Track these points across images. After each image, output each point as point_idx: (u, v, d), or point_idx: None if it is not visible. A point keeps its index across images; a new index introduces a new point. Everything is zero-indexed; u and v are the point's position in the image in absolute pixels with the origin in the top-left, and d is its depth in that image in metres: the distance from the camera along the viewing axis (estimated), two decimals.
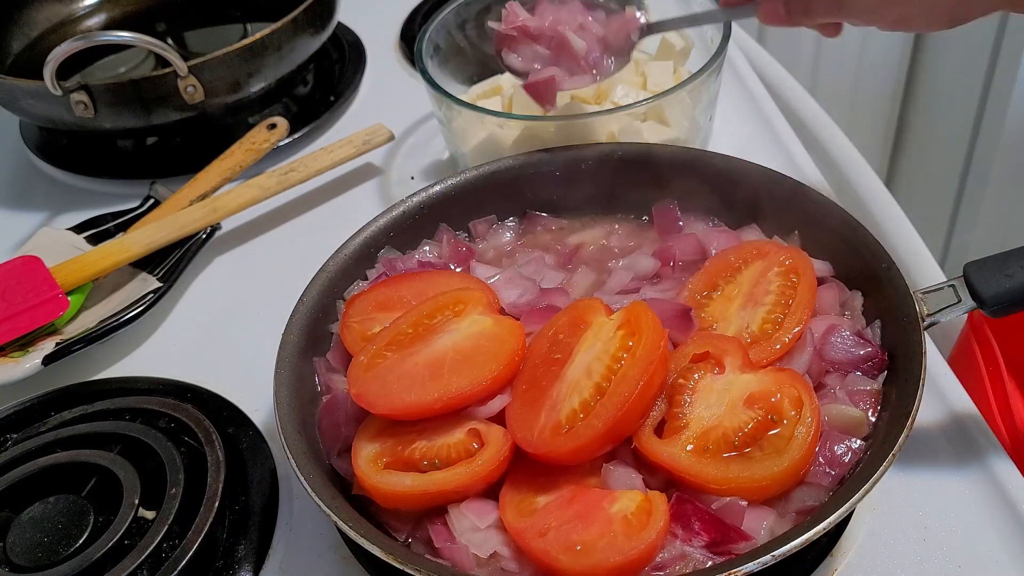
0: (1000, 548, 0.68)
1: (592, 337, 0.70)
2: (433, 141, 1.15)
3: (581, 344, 0.69)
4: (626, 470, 0.65)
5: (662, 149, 0.88)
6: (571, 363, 0.68)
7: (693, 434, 0.66)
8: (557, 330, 0.71)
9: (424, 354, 0.70)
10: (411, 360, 0.70)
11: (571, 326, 0.71)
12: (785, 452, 0.63)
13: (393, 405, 0.67)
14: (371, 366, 0.70)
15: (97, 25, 1.36)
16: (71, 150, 1.21)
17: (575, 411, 0.65)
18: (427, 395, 0.67)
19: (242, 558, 0.73)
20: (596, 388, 0.66)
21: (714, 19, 0.96)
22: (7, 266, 0.93)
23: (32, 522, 0.73)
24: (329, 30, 1.20)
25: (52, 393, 0.89)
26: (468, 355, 0.69)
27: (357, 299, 0.79)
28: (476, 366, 0.68)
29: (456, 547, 0.63)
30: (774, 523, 0.63)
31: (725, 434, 0.65)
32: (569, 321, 0.72)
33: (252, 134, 1.12)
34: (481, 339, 0.71)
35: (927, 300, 0.70)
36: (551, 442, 0.64)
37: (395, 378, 0.69)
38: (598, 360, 0.68)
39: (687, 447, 0.65)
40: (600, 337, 0.70)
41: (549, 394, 0.67)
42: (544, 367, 0.69)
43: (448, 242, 0.86)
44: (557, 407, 0.66)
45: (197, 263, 1.02)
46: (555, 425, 0.65)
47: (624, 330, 0.69)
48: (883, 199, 1.09)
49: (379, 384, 0.68)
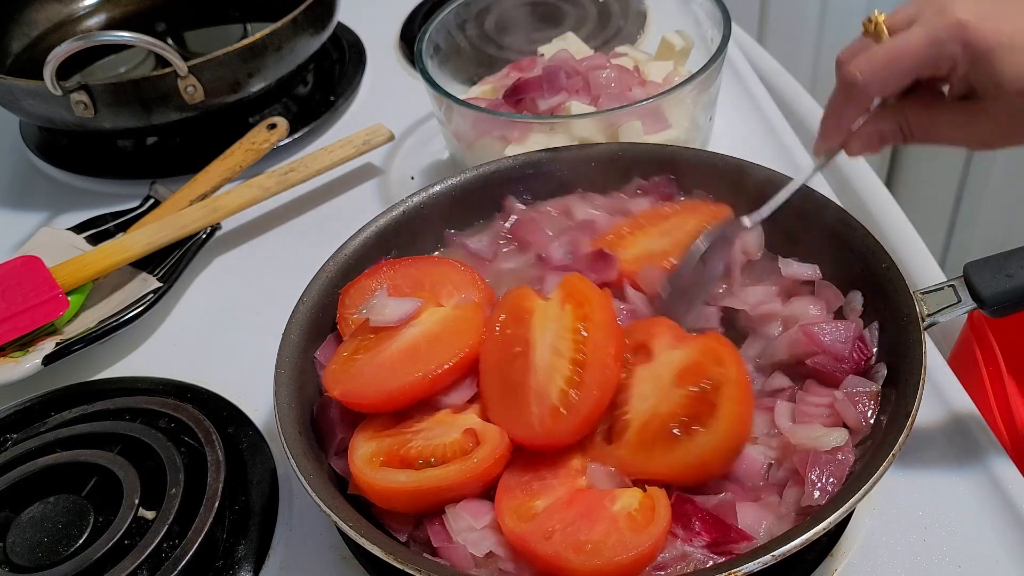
0: (1000, 548, 0.68)
1: (542, 320, 0.71)
2: (433, 141, 1.15)
3: (534, 331, 0.71)
4: (612, 469, 0.66)
5: (662, 149, 0.88)
6: (534, 350, 0.69)
7: (635, 430, 0.66)
8: (502, 327, 0.72)
9: (395, 347, 0.72)
10: (384, 354, 0.71)
11: (514, 318, 0.72)
12: (718, 416, 0.64)
13: (380, 393, 0.68)
14: (345, 369, 0.71)
15: (97, 25, 1.36)
16: (71, 150, 1.21)
17: (564, 391, 0.66)
18: (412, 376, 0.69)
19: (242, 558, 0.74)
20: (573, 362, 0.68)
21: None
22: (7, 266, 0.93)
23: (32, 522, 0.73)
24: (329, 30, 1.20)
25: (52, 393, 0.89)
26: (439, 336, 0.72)
27: (352, 289, 0.79)
28: (450, 343, 0.71)
29: (454, 547, 0.63)
30: (773, 523, 0.63)
31: (663, 421, 0.66)
32: (510, 314, 0.73)
33: (252, 134, 1.12)
34: (446, 323, 0.73)
35: (927, 300, 0.70)
36: (555, 427, 0.65)
37: (374, 371, 0.70)
38: (560, 338, 0.69)
39: (631, 446, 0.66)
40: (550, 317, 0.71)
41: (529, 385, 0.68)
42: (509, 363, 0.70)
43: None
44: (544, 393, 0.67)
45: (197, 263, 1.02)
46: (551, 410, 0.66)
47: (570, 303, 0.72)
48: (883, 199, 1.09)
49: (360, 380, 0.69)
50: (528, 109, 1.00)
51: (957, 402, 0.78)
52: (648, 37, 1.21)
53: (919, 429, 0.75)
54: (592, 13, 1.21)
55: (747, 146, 1.08)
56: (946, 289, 0.71)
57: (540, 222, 0.87)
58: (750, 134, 1.11)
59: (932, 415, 0.77)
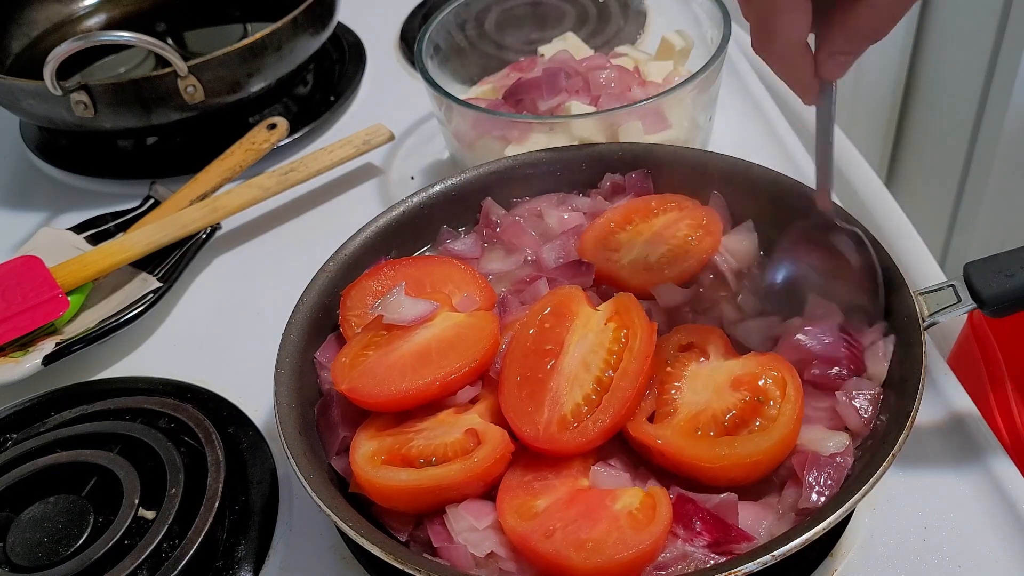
0: (1000, 548, 0.68)
1: (582, 328, 0.72)
2: (433, 141, 1.15)
3: (571, 336, 0.71)
4: (614, 470, 0.66)
5: (662, 149, 0.88)
6: (565, 355, 0.70)
7: (683, 417, 0.67)
8: (543, 319, 0.72)
9: (406, 348, 0.71)
10: (396, 354, 0.71)
11: (556, 316, 0.73)
12: (772, 429, 0.64)
13: (388, 393, 0.68)
14: (355, 364, 0.71)
15: (97, 25, 1.36)
16: (71, 150, 1.21)
17: (579, 405, 0.67)
18: (421, 379, 0.69)
19: (242, 558, 0.74)
20: (596, 381, 0.68)
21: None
22: (7, 266, 0.93)
23: (32, 522, 0.73)
24: (329, 30, 1.20)
25: (52, 393, 0.89)
26: (451, 342, 0.71)
27: (353, 290, 0.79)
28: (462, 350, 0.71)
29: (454, 547, 0.63)
30: (773, 523, 0.63)
31: (714, 415, 0.67)
32: (554, 310, 0.73)
33: (252, 134, 1.12)
34: (459, 328, 0.73)
35: (927, 300, 0.70)
36: (559, 437, 0.65)
37: (384, 370, 0.70)
38: (593, 353, 0.69)
39: (678, 429, 0.66)
40: (591, 329, 0.71)
41: (548, 387, 0.68)
42: (536, 358, 0.70)
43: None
44: (559, 401, 0.67)
45: (197, 263, 1.02)
46: (561, 420, 0.66)
47: (615, 323, 0.72)
48: (883, 199, 1.09)
49: (369, 377, 0.69)
50: (528, 110, 1.00)
51: (957, 402, 0.78)
52: (648, 37, 1.21)
53: (919, 429, 0.75)
54: (592, 13, 1.21)
55: (747, 146, 1.08)
56: (946, 289, 0.71)
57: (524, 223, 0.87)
58: (750, 134, 1.11)
59: (932, 415, 0.77)
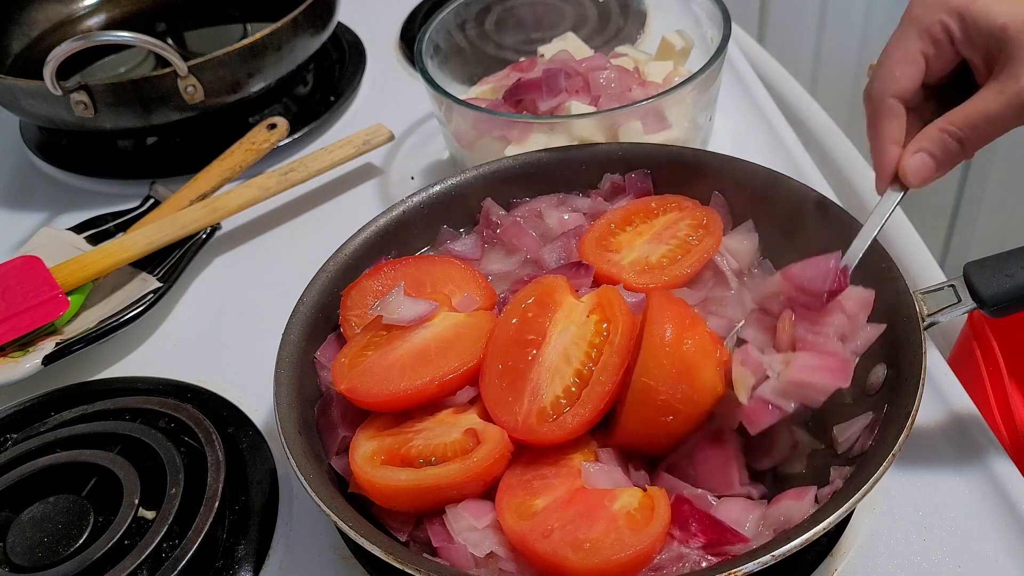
0: (1000, 548, 0.68)
1: (564, 319, 0.72)
2: (433, 141, 1.15)
3: (554, 326, 0.71)
4: (608, 469, 0.66)
5: (662, 149, 0.88)
6: (547, 346, 0.70)
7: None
8: (526, 308, 0.72)
9: (405, 348, 0.71)
10: (395, 354, 0.71)
11: (539, 305, 0.72)
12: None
13: (388, 393, 0.68)
14: (355, 364, 0.71)
15: (97, 25, 1.36)
16: (71, 150, 1.21)
17: (558, 397, 0.67)
18: (420, 379, 0.69)
19: (242, 558, 0.74)
20: (576, 374, 0.68)
21: None
22: (7, 266, 0.93)
23: (32, 522, 0.73)
24: (329, 30, 1.20)
25: (52, 393, 0.89)
26: (451, 342, 0.72)
27: (353, 290, 0.79)
28: (461, 350, 0.71)
29: (454, 547, 0.63)
30: (758, 521, 0.63)
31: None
32: (537, 300, 0.73)
33: (252, 134, 1.12)
34: (458, 328, 0.73)
35: (927, 300, 0.70)
36: (537, 428, 0.66)
37: (383, 369, 0.70)
38: (575, 345, 0.70)
39: None
40: (573, 320, 0.71)
41: (528, 377, 0.68)
42: (518, 347, 0.70)
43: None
44: (539, 392, 0.67)
45: (197, 263, 1.02)
46: (540, 411, 0.66)
47: (597, 315, 0.71)
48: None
49: (369, 377, 0.69)
50: (528, 110, 1.00)
51: (957, 402, 0.78)
52: (648, 37, 1.21)
53: (919, 429, 0.75)
54: (592, 13, 1.21)
55: (747, 146, 1.08)
56: (946, 289, 0.70)
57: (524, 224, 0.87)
58: (750, 134, 1.11)
59: (932, 415, 0.77)
